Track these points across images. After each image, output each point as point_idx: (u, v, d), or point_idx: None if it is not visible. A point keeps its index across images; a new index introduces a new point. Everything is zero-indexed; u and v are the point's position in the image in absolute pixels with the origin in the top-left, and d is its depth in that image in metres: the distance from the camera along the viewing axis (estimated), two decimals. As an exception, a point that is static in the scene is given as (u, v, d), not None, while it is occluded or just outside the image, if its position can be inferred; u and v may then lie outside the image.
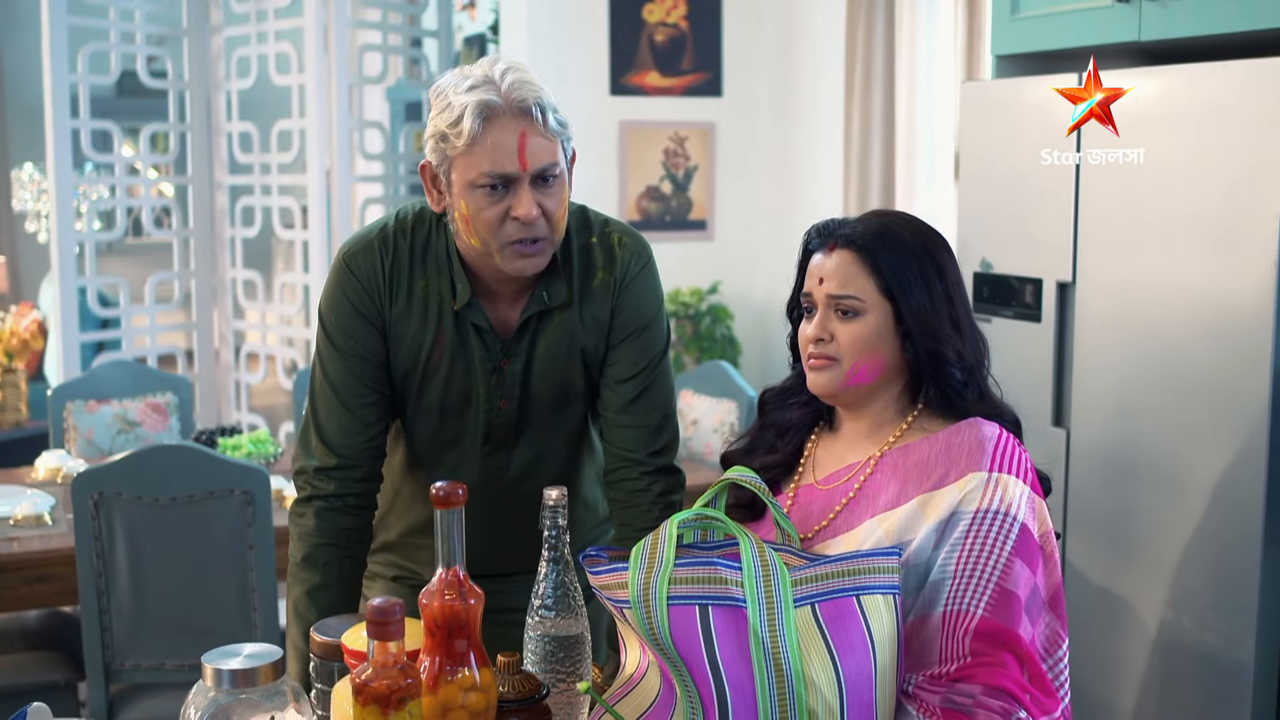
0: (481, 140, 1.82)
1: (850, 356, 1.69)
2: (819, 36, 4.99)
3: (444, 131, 1.85)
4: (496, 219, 1.86)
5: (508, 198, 1.85)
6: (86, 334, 5.60)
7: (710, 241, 5.40)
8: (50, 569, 3.11)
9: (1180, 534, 2.65)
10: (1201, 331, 2.59)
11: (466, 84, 1.84)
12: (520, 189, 1.85)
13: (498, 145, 1.83)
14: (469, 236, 1.90)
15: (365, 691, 1.41)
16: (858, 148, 4.55)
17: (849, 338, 1.69)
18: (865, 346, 1.69)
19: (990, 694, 1.50)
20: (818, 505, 1.74)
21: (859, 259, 1.69)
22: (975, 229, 3.14)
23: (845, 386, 1.71)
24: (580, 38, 5.13)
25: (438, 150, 1.87)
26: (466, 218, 1.87)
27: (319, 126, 5.42)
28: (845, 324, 1.70)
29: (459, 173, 1.86)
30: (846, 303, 1.69)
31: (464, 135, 1.82)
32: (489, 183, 1.84)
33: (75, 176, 5.50)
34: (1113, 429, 2.80)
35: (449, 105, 1.84)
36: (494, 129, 1.82)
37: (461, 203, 1.87)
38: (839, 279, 1.70)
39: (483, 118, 1.82)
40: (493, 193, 1.85)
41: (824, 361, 1.71)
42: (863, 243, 1.69)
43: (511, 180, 1.84)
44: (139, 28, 5.68)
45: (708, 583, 1.50)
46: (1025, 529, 1.59)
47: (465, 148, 1.83)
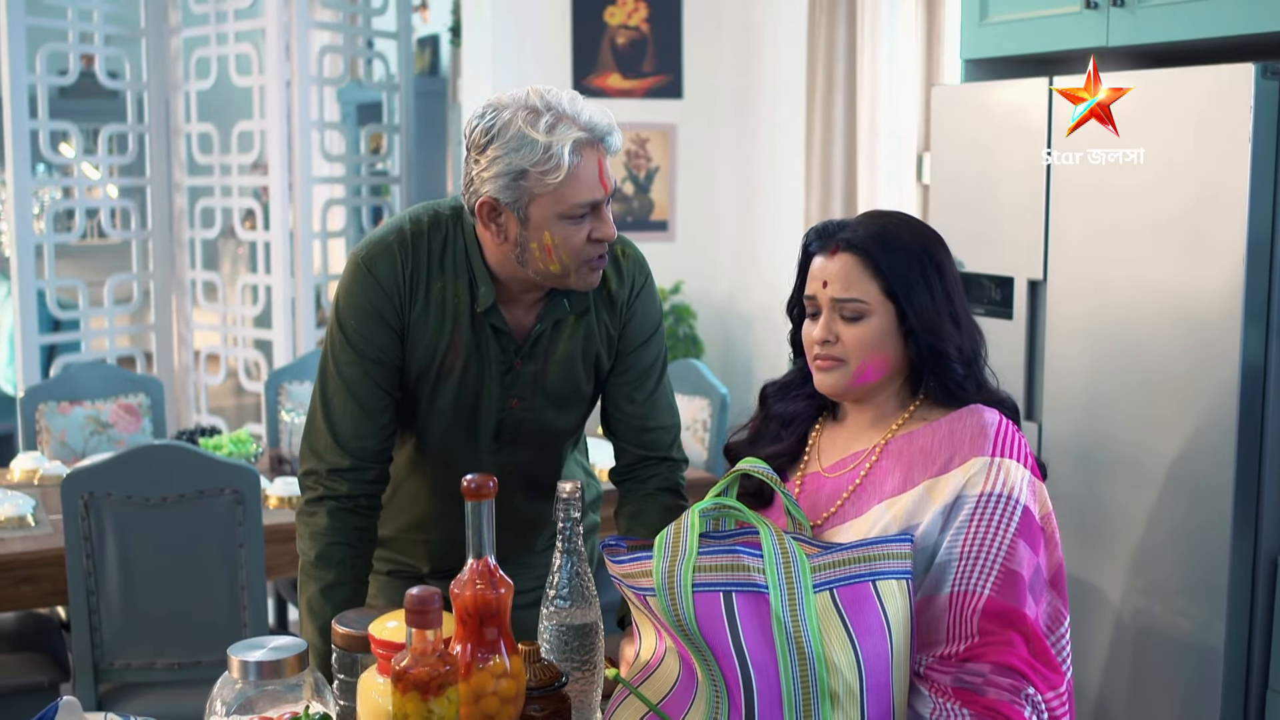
0: (575, 175, 1.87)
1: (856, 357, 1.76)
2: (780, 39, 5.05)
3: (524, 169, 1.86)
4: (583, 243, 1.92)
5: (590, 221, 1.91)
6: (45, 336, 5.56)
7: (672, 242, 5.46)
8: (35, 569, 3.10)
9: (1150, 523, 2.74)
10: (1170, 327, 2.68)
11: (544, 121, 1.85)
12: (602, 211, 1.92)
13: (586, 176, 1.88)
14: (548, 264, 1.94)
15: (406, 679, 1.45)
16: (819, 149, 4.61)
17: (854, 339, 1.75)
18: (871, 347, 1.75)
19: (999, 672, 1.57)
20: (825, 492, 1.80)
21: (861, 262, 1.75)
22: (946, 229, 3.14)
23: (852, 386, 1.78)
24: (542, 40, 5.17)
25: (512, 188, 1.88)
26: (551, 247, 1.92)
27: (280, 128, 5.42)
28: (850, 326, 1.76)
29: (545, 207, 1.89)
30: (851, 306, 1.75)
31: (560, 172, 1.85)
32: (580, 212, 1.90)
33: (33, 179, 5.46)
34: (1084, 423, 2.89)
35: (529, 143, 1.85)
36: (583, 161, 1.88)
37: (545, 235, 1.90)
38: (842, 282, 1.75)
39: (577, 153, 1.86)
40: (580, 220, 1.90)
41: (831, 363, 1.78)
42: (864, 246, 1.75)
43: (597, 204, 1.91)
44: (97, 28, 5.65)
45: (731, 569, 1.56)
46: (1027, 511, 1.66)
47: (558, 184, 1.87)
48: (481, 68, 5.17)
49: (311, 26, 5.58)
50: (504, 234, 1.94)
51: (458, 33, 5.68)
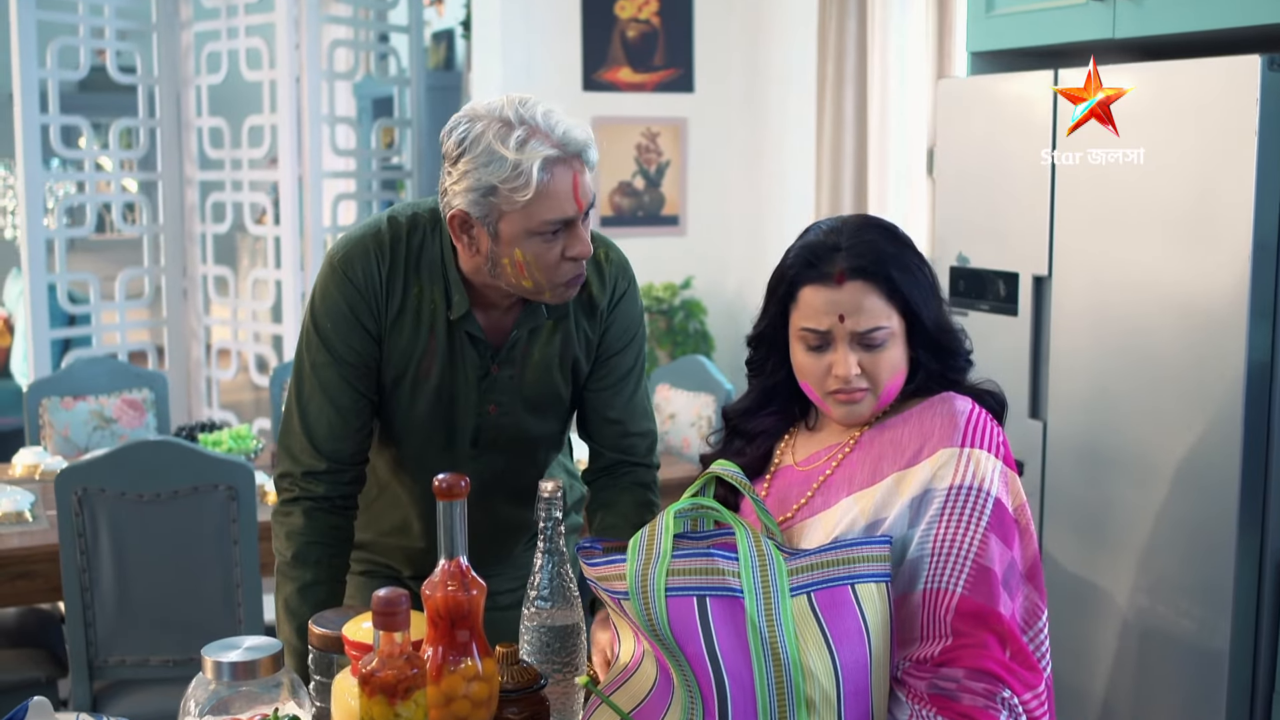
0: (545, 192, 1.82)
1: (882, 383, 1.69)
2: (790, 32, 5.02)
3: (493, 185, 1.81)
4: (555, 260, 1.88)
5: (563, 238, 1.87)
6: (56, 330, 5.57)
7: (683, 237, 5.42)
8: (31, 565, 3.10)
9: (1156, 522, 2.70)
10: (1176, 324, 2.63)
11: (515, 136, 1.81)
12: (575, 228, 1.88)
13: (557, 192, 1.83)
14: (520, 280, 1.90)
15: (372, 681, 1.43)
16: (830, 143, 4.57)
17: (881, 367, 1.68)
18: (895, 368, 1.70)
19: (974, 677, 1.53)
20: (796, 486, 1.76)
21: (875, 287, 1.67)
22: (951, 224, 3.17)
23: (877, 410, 1.73)
24: (553, 34, 5.14)
25: (482, 204, 1.84)
26: (521, 264, 1.87)
27: (290, 122, 5.41)
28: (874, 354, 1.68)
29: (515, 224, 1.84)
30: (875, 335, 1.67)
31: (529, 190, 1.80)
32: (550, 229, 1.85)
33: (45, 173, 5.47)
34: (1089, 420, 2.84)
35: (498, 159, 1.80)
36: (554, 179, 1.83)
37: (516, 251, 1.86)
38: (862, 314, 1.67)
39: (547, 171, 1.82)
40: (552, 237, 1.86)
41: (859, 394, 1.70)
42: (874, 269, 1.67)
43: (570, 221, 1.87)
44: (108, 22, 5.65)
45: (705, 573, 1.53)
46: (999, 503, 1.61)
47: (527, 202, 1.82)
48: (491, 62, 5.15)
49: (322, 21, 5.57)
50: (476, 247, 1.90)
51: (468, 26, 5.65)
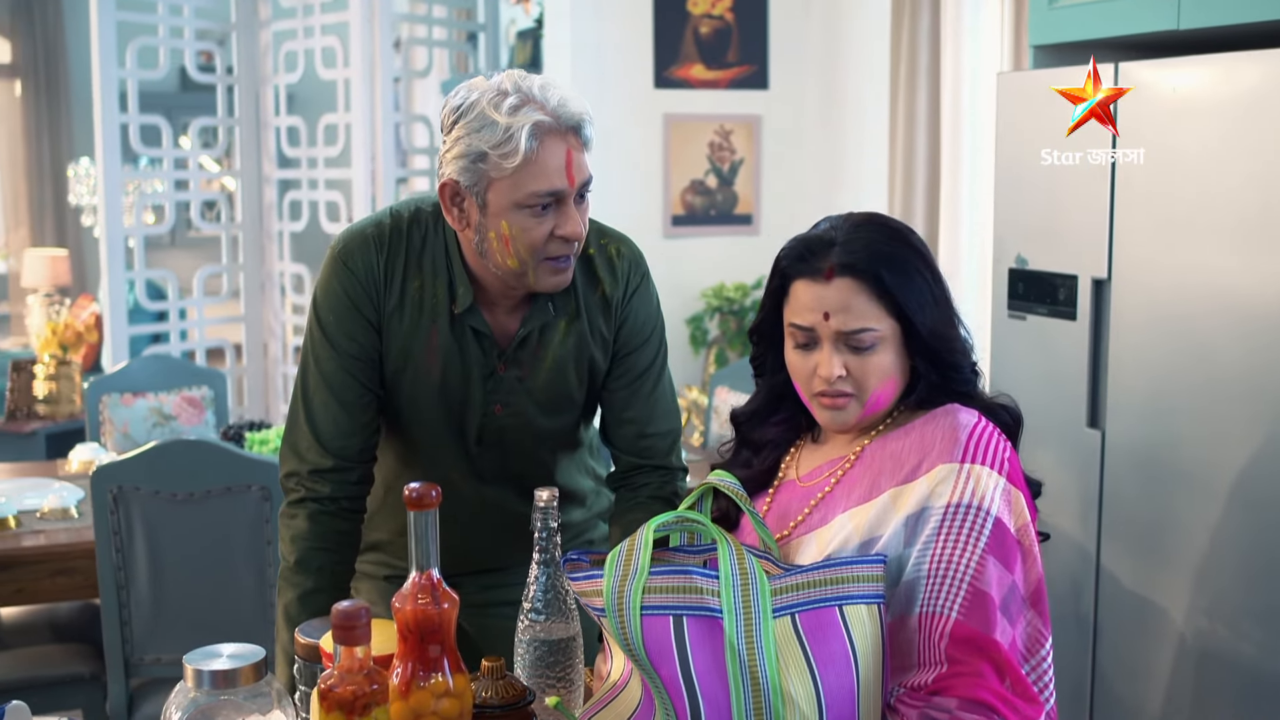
0: (533, 160, 1.78)
1: (869, 389, 1.61)
2: (865, 28, 4.91)
3: (483, 151, 1.78)
4: (542, 238, 1.83)
5: (552, 216, 1.82)
6: (136, 327, 5.65)
7: (756, 236, 5.33)
8: (71, 562, 3.12)
9: (1216, 539, 2.57)
10: (1238, 330, 2.50)
11: (508, 102, 1.77)
12: (566, 206, 1.83)
13: (548, 164, 1.79)
14: (505, 258, 1.85)
15: (330, 697, 1.39)
16: (903, 141, 4.47)
17: (867, 372, 1.60)
18: (884, 375, 1.61)
19: (966, 707, 1.44)
20: (796, 501, 1.69)
21: (864, 285, 1.59)
22: (1010, 224, 3.06)
23: (864, 419, 1.64)
24: (624, 30, 5.08)
25: (471, 170, 1.80)
26: (507, 238, 1.83)
27: (364, 121, 5.42)
28: (860, 357, 1.60)
29: (502, 194, 1.80)
30: (861, 337, 1.59)
31: (517, 156, 1.77)
32: (539, 202, 1.80)
33: (129, 170, 5.54)
34: (1149, 430, 2.71)
35: (490, 124, 1.77)
36: (545, 148, 1.78)
37: (502, 224, 1.82)
38: (848, 313, 1.59)
39: (536, 138, 1.77)
40: (541, 212, 1.81)
41: (843, 400, 1.62)
42: (864, 267, 1.58)
43: (559, 198, 1.82)
44: (187, 23, 5.72)
45: (683, 592, 1.46)
46: (1000, 523, 1.51)
47: (515, 169, 1.78)
48: (562, 59, 5.10)
49: (394, 19, 5.57)
50: (466, 220, 1.86)
51: (540, 23, 5.62)
